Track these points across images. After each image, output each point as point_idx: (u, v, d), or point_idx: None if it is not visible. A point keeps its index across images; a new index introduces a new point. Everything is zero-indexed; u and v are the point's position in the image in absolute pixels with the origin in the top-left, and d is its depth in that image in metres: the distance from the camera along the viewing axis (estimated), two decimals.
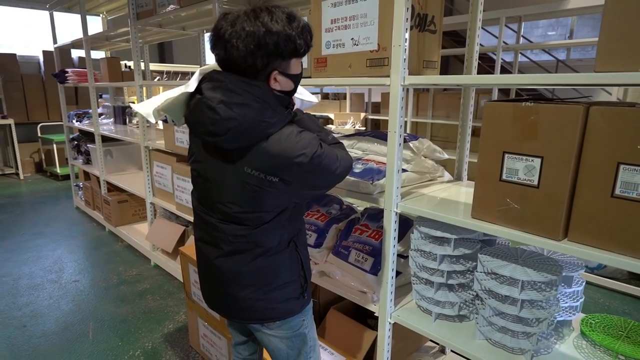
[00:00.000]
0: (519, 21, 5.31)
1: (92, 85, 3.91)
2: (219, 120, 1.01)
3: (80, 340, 2.32)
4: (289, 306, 1.25)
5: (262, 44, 1.01)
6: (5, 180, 6.32)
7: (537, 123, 1.05)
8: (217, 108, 1.01)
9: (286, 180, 1.07)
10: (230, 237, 1.17)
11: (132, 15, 2.90)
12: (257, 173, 1.06)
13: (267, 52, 1.02)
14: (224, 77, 1.05)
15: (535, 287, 1.20)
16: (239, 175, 1.08)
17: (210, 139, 1.05)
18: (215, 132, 1.02)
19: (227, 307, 1.28)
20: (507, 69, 7.20)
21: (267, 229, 1.16)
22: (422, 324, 1.45)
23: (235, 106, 1.01)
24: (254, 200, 1.10)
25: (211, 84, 1.05)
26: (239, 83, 1.03)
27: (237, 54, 1.02)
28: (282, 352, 1.30)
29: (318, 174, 1.11)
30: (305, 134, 1.09)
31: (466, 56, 1.65)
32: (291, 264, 1.23)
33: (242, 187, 1.09)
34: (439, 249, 1.39)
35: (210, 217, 1.19)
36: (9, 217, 4.47)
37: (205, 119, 1.03)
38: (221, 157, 1.10)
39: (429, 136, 5.72)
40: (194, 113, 1.07)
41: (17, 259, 3.40)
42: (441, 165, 1.80)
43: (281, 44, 1.03)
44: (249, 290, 1.20)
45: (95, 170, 4.13)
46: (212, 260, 1.22)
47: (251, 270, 1.19)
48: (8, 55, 6.49)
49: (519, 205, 1.11)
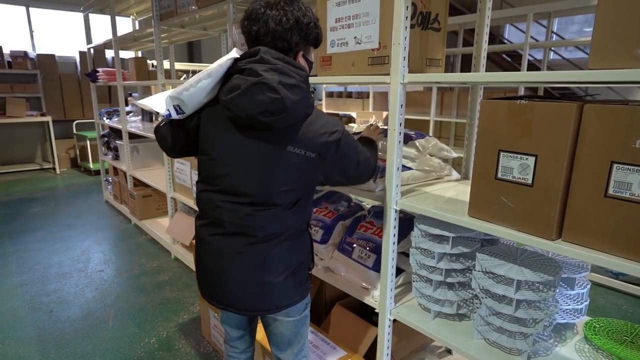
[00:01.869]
0: (548, 17, 5.14)
1: (120, 83, 4.08)
2: (279, 99, 1.08)
3: (100, 326, 2.44)
4: (303, 288, 1.32)
5: (299, 23, 1.16)
6: (44, 174, 6.68)
7: (531, 121, 1.04)
8: (277, 88, 1.08)
9: (323, 156, 1.17)
10: (265, 223, 1.19)
11: (156, 16, 3.01)
12: (298, 150, 1.14)
13: (300, 32, 1.17)
14: (275, 60, 1.12)
15: (532, 288, 1.19)
16: (282, 154, 1.14)
17: (266, 118, 1.10)
18: (274, 110, 1.09)
19: (245, 302, 1.26)
20: (537, 67, 6.98)
21: (297, 210, 1.23)
22: (421, 322, 1.45)
23: (290, 87, 1.10)
24: (292, 177, 1.17)
25: (264, 65, 1.11)
26: (289, 66, 1.13)
27: (279, 28, 1.14)
28: (285, 337, 1.35)
29: (347, 151, 1.23)
30: (329, 117, 1.23)
31: (474, 53, 1.63)
32: (307, 245, 1.33)
33: (284, 166, 1.15)
34: (437, 246, 1.39)
35: (239, 205, 1.19)
36: (44, 210, 4.73)
37: (265, 98, 1.08)
38: (262, 139, 1.15)
39: (453, 136, 5.63)
40: (248, 93, 1.09)
41: (49, 248, 3.60)
42: (448, 164, 1.79)
43: (311, 28, 1.20)
44: (275, 275, 1.23)
45: (122, 165, 4.31)
46: (237, 249, 1.21)
47: (278, 253, 1.22)
48: (47, 56, 6.85)
49: (514, 203, 1.10)
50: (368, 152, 1.35)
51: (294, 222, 1.24)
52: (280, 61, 1.13)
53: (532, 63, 7.30)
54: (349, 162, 1.26)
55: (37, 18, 7.02)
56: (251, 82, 1.09)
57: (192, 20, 3.16)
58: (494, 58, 7.25)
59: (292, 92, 1.10)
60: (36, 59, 6.79)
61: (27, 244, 3.69)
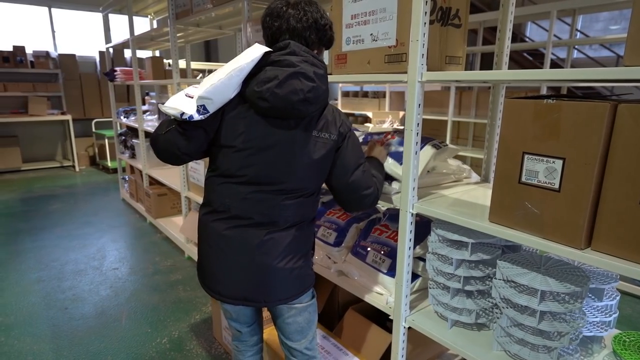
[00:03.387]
0: (573, 15, 4.98)
1: (137, 83, 4.11)
2: (316, 87, 1.16)
3: (113, 325, 2.45)
4: (312, 272, 1.39)
5: (317, 23, 1.23)
6: (63, 172, 6.81)
7: (559, 122, 0.98)
8: (314, 77, 1.16)
9: (341, 141, 1.26)
10: (290, 212, 1.25)
11: (172, 15, 3.01)
12: (323, 134, 1.23)
13: (317, 32, 1.24)
14: (304, 52, 1.19)
15: (557, 299, 1.12)
16: (309, 139, 1.22)
17: (303, 107, 1.16)
18: (311, 99, 1.16)
19: (268, 290, 1.26)
20: (559, 66, 6.78)
21: (315, 199, 1.32)
22: (437, 331, 1.39)
23: (320, 77, 1.19)
24: (319, 161, 1.23)
25: (298, 57, 1.17)
26: (315, 58, 1.20)
27: (299, 26, 1.20)
28: (299, 325, 1.37)
29: (352, 146, 1.28)
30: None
31: (496, 51, 1.56)
32: (314, 231, 1.40)
33: (311, 150, 1.22)
34: (456, 253, 1.33)
35: (269, 194, 1.22)
36: (63, 207, 4.81)
37: (304, 87, 1.14)
38: (289, 127, 1.20)
39: (471, 136, 5.51)
40: (286, 83, 1.14)
41: (66, 245, 3.65)
42: (467, 167, 1.72)
43: (327, 30, 1.26)
44: (295, 260, 1.28)
45: (139, 164, 4.35)
46: (262, 237, 1.23)
47: (297, 238, 1.28)
48: (68, 56, 6.98)
49: (539, 209, 1.04)
50: (374, 175, 1.35)
51: (313, 209, 1.33)
52: (308, 54, 1.20)
53: (555, 62, 7.10)
54: (352, 159, 1.28)
55: (58, 18, 7.15)
56: (290, 72, 1.14)
57: (208, 19, 3.15)
58: (515, 57, 7.07)
59: (322, 82, 1.19)
60: (57, 58, 6.92)
61: (45, 240, 3.75)
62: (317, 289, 2.05)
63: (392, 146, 1.56)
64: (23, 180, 6.15)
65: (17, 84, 6.53)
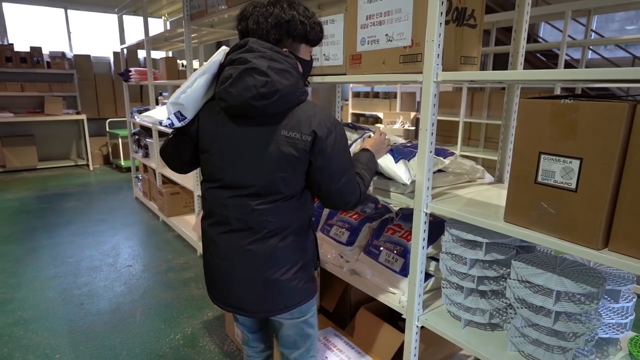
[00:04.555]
0: (588, 15, 4.92)
1: (152, 83, 4.16)
2: (270, 82, 1.11)
3: (128, 320, 2.49)
4: (311, 286, 1.32)
5: (278, 22, 1.18)
6: (78, 170, 6.92)
7: (577, 121, 0.97)
8: (267, 72, 1.11)
9: (315, 143, 1.16)
10: (269, 217, 1.19)
11: (186, 16, 3.05)
12: (293, 134, 1.15)
13: (279, 30, 1.19)
14: (263, 49, 1.15)
15: (573, 299, 1.12)
16: (277, 139, 1.15)
17: (258, 102, 1.12)
18: (265, 94, 1.11)
19: (250, 302, 1.25)
20: (573, 67, 6.70)
21: (300, 203, 1.24)
22: (450, 330, 1.39)
23: (279, 72, 1.13)
24: (289, 163, 1.17)
25: (253, 54, 1.14)
26: (276, 53, 1.16)
27: (256, 28, 1.19)
28: (291, 338, 1.35)
29: (337, 151, 1.19)
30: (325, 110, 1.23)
31: (511, 51, 1.56)
32: (312, 242, 1.34)
33: (280, 151, 1.15)
34: (469, 252, 1.33)
35: (243, 198, 1.19)
36: (78, 205, 4.89)
37: (256, 82, 1.11)
38: (257, 126, 1.17)
39: (483, 138, 5.47)
40: (239, 80, 1.13)
41: (81, 242, 3.71)
42: (481, 167, 1.72)
43: (293, 25, 1.20)
44: (282, 271, 1.23)
45: (152, 163, 4.41)
46: (242, 247, 1.21)
47: (284, 248, 1.23)
48: (83, 56, 7.10)
49: (555, 209, 1.03)
50: (361, 176, 1.30)
51: (298, 217, 1.25)
52: (268, 50, 1.16)
53: (568, 62, 7.01)
54: (336, 165, 1.20)
55: (74, 20, 7.28)
56: (242, 69, 1.13)
57: (222, 20, 3.18)
58: (528, 57, 7.00)
59: (282, 77, 1.13)
60: (73, 59, 7.05)
61: (61, 237, 3.82)
62: (329, 287, 2.07)
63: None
64: (39, 178, 6.27)
65: (34, 84, 6.66)
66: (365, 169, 1.34)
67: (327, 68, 1.75)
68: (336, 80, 1.69)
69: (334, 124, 1.19)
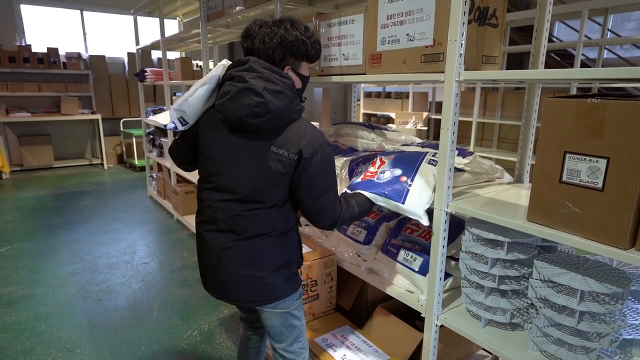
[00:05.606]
0: (604, 14, 4.86)
1: (167, 83, 4.21)
2: (264, 102, 1.18)
3: (145, 317, 2.53)
4: (293, 282, 1.39)
5: (282, 41, 1.25)
6: (93, 169, 7.03)
7: (604, 120, 0.97)
8: (262, 93, 1.19)
9: (300, 161, 1.23)
10: (252, 222, 1.27)
11: (203, 17, 3.09)
12: (281, 151, 1.23)
13: (284, 49, 1.26)
14: (262, 69, 1.23)
15: (597, 299, 1.11)
16: (266, 154, 1.24)
17: (252, 120, 1.20)
18: (259, 113, 1.19)
19: (233, 293, 1.35)
20: (589, 66, 6.61)
21: (284, 212, 1.32)
22: (470, 329, 1.39)
23: (274, 93, 1.20)
24: (275, 177, 1.24)
25: (252, 73, 1.22)
26: (274, 75, 1.23)
27: (262, 47, 1.25)
28: (277, 328, 1.42)
29: (320, 171, 1.26)
30: (317, 129, 1.29)
31: (532, 50, 1.56)
32: (294, 242, 1.40)
33: (267, 165, 1.24)
34: (491, 252, 1.33)
35: (230, 202, 1.28)
36: (93, 203, 4.97)
37: (251, 102, 1.19)
38: (250, 139, 1.25)
39: (497, 138, 5.43)
40: (236, 98, 1.21)
41: (98, 240, 3.77)
42: (500, 167, 1.72)
43: (296, 45, 1.27)
44: (261, 269, 1.31)
45: (166, 162, 4.46)
46: (226, 244, 1.30)
47: (264, 247, 1.31)
48: (98, 57, 7.21)
49: (580, 209, 1.03)
50: (348, 203, 1.39)
51: (281, 223, 1.32)
52: (267, 70, 1.23)
53: (584, 62, 6.92)
54: (316, 185, 1.27)
55: (89, 21, 7.39)
56: (239, 87, 1.21)
57: (237, 21, 3.21)
58: None
59: (276, 98, 1.20)
60: (88, 59, 7.16)
61: (78, 235, 3.89)
62: (346, 286, 2.08)
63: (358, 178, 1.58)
64: (55, 177, 6.38)
65: (51, 84, 6.77)
66: (358, 204, 1.43)
67: (346, 68, 1.77)
68: (355, 80, 1.70)
69: (322, 145, 1.27)
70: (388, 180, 1.51)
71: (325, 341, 1.80)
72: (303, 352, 1.50)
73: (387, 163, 1.59)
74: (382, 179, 1.52)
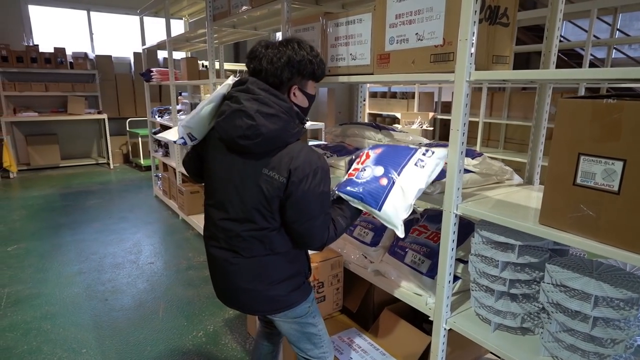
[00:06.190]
0: (614, 13, 4.81)
1: (173, 83, 4.22)
2: (255, 126, 1.18)
3: (151, 317, 2.52)
4: (301, 291, 1.38)
5: (290, 61, 1.24)
6: (99, 169, 7.06)
7: (620, 122, 0.95)
8: (254, 116, 1.18)
9: (289, 186, 1.20)
10: (250, 245, 1.28)
11: (209, 17, 3.08)
12: (272, 174, 1.21)
13: (292, 69, 1.25)
14: (259, 90, 1.22)
15: (612, 305, 1.09)
16: (257, 175, 1.23)
17: (243, 142, 1.21)
18: (250, 135, 1.19)
19: (244, 304, 1.38)
20: (597, 66, 6.54)
21: (279, 238, 1.29)
22: (479, 333, 1.37)
23: (267, 116, 1.19)
24: (265, 199, 1.23)
25: (248, 95, 1.22)
26: (271, 97, 1.22)
27: (270, 67, 1.24)
28: (293, 335, 1.43)
29: (315, 195, 1.22)
30: (314, 154, 1.26)
31: (544, 50, 1.53)
32: (301, 256, 1.39)
33: (258, 187, 1.23)
34: (501, 255, 1.30)
35: (229, 222, 1.29)
36: (100, 202, 4.98)
37: (242, 124, 1.20)
38: (244, 159, 1.25)
39: (503, 138, 5.39)
40: (229, 119, 1.23)
41: (104, 239, 3.78)
42: (509, 168, 1.69)
43: (303, 64, 1.27)
44: (265, 284, 1.32)
45: (172, 162, 4.46)
46: (230, 261, 1.31)
47: (266, 265, 1.31)
48: (105, 57, 7.24)
49: (595, 212, 1.01)
50: (334, 222, 1.31)
51: (280, 245, 1.30)
52: (264, 92, 1.22)
53: (592, 62, 6.85)
54: (308, 208, 1.23)
55: (96, 21, 7.42)
56: (234, 108, 1.22)
57: (243, 21, 3.21)
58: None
59: (269, 121, 1.19)
60: (95, 59, 7.19)
61: (85, 234, 3.90)
62: (352, 288, 2.06)
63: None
64: (62, 176, 6.42)
65: (57, 84, 6.81)
66: (343, 217, 1.34)
67: (354, 68, 1.75)
68: (363, 80, 1.68)
69: (315, 171, 1.21)
70: (367, 181, 1.34)
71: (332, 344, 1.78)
72: (326, 357, 1.49)
73: (371, 158, 1.42)
74: (362, 177, 1.36)
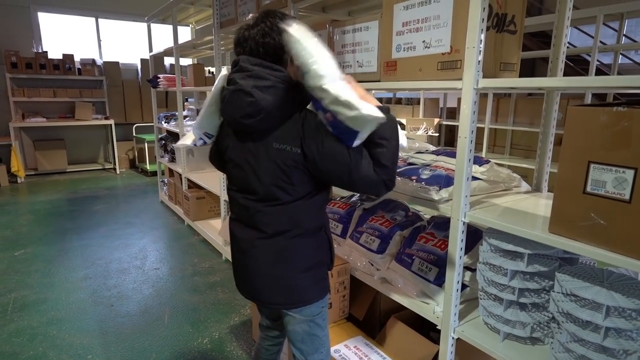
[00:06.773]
0: (620, 19, 4.78)
1: (180, 89, 4.24)
2: (255, 101, 1.15)
3: (156, 323, 2.52)
4: (320, 287, 1.36)
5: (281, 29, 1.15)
6: (105, 174, 7.10)
7: (630, 130, 0.94)
8: (252, 92, 1.16)
9: (306, 153, 1.17)
10: (272, 219, 1.27)
11: (216, 24, 3.11)
12: (283, 146, 1.19)
13: (280, 32, 1.16)
14: (252, 67, 1.19)
15: (624, 315, 1.07)
16: (269, 151, 1.21)
17: (247, 121, 1.19)
18: (252, 113, 1.17)
19: (261, 292, 1.35)
20: (604, 71, 6.51)
21: (306, 206, 1.27)
22: (488, 343, 1.36)
23: (264, 89, 1.16)
24: (283, 173, 1.21)
25: (241, 74, 1.20)
26: (264, 70, 1.18)
27: (267, 40, 1.18)
28: (298, 335, 1.39)
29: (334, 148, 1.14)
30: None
31: (551, 57, 1.53)
32: (324, 244, 1.36)
33: (273, 162, 1.21)
34: (510, 263, 1.29)
35: (251, 201, 1.29)
36: (106, 207, 5.01)
37: (242, 103, 1.18)
38: (253, 139, 1.24)
39: (509, 145, 5.36)
40: (230, 101, 1.22)
41: (110, 244, 3.79)
42: (517, 175, 1.68)
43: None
44: (289, 269, 1.30)
45: (178, 167, 4.48)
46: (253, 242, 1.31)
47: (290, 248, 1.29)
48: (112, 63, 7.30)
49: (606, 221, 1.00)
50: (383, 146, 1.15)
51: (304, 219, 1.28)
52: (257, 66, 1.19)
53: (598, 67, 6.82)
54: (335, 163, 1.15)
55: (104, 28, 7.50)
56: (232, 89, 1.21)
57: None
58: None
59: (267, 94, 1.16)
60: (102, 66, 7.25)
61: (91, 239, 3.91)
62: (359, 295, 2.05)
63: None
64: (69, 181, 6.46)
65: (65, 90, 6.87)
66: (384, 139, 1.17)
67: (361, 75, 1.75)
68: (370, 87, 1.68)
69: (317, 128, 1.16)
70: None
71: (337, 352, 1.77)
72: None
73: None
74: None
